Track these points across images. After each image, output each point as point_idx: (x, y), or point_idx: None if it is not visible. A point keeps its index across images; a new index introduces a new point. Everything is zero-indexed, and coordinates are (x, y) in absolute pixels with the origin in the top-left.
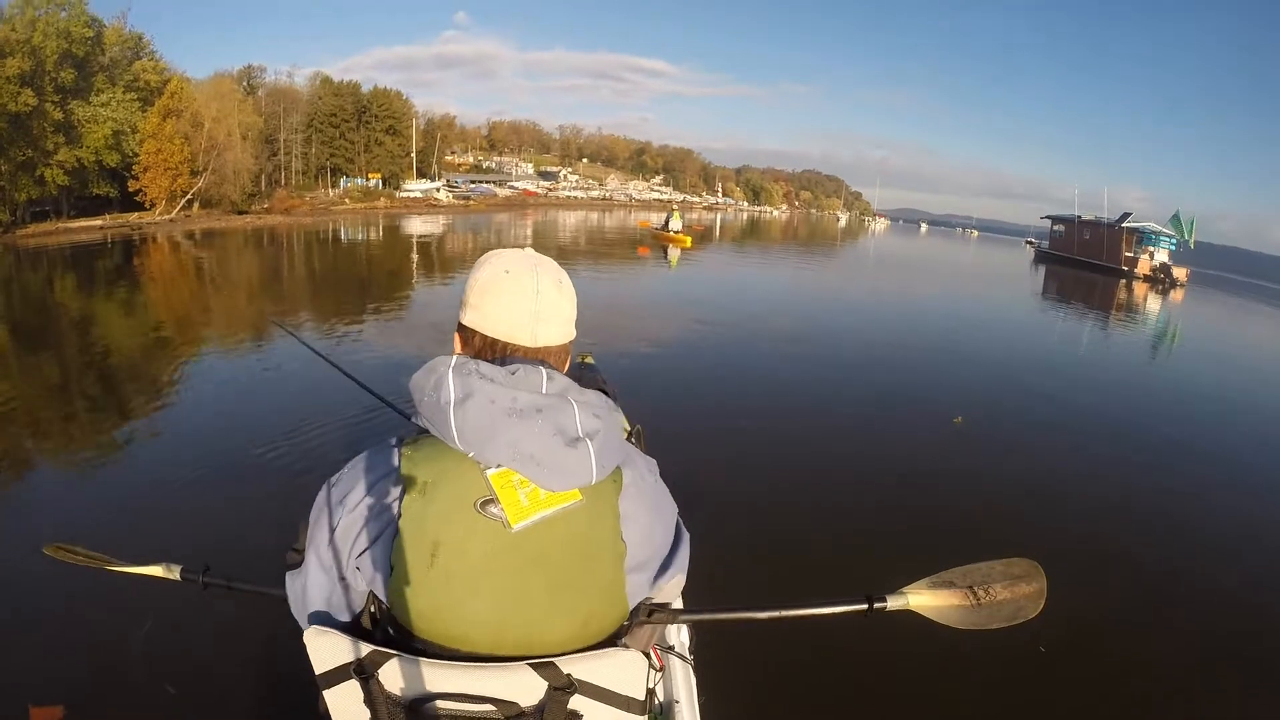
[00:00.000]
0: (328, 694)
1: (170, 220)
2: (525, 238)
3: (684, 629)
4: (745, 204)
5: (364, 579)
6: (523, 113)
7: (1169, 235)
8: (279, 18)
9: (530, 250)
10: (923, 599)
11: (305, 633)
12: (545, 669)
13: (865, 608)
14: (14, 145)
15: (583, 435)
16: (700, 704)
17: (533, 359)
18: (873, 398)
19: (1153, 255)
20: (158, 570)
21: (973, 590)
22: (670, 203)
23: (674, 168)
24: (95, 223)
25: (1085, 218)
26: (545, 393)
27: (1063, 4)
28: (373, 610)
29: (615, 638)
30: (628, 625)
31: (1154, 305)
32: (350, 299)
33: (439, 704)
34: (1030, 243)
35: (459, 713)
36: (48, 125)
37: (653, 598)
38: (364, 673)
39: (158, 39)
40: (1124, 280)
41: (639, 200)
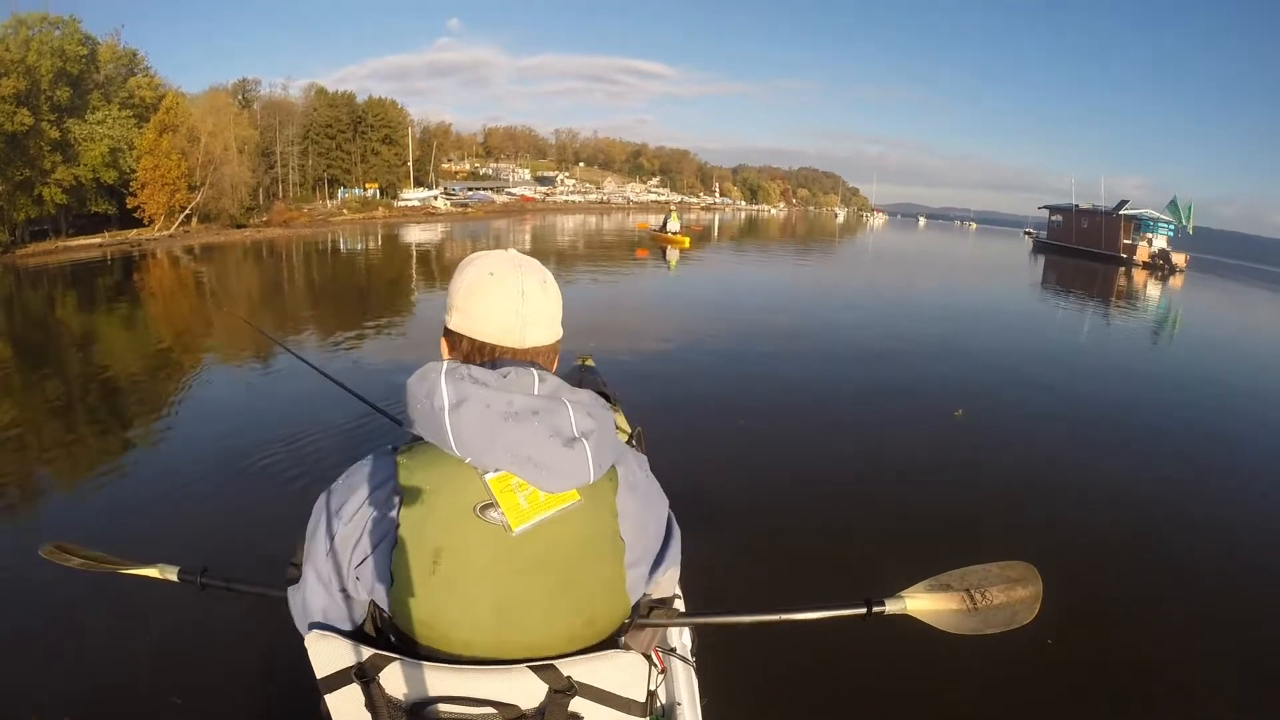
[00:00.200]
0: (329, 698)
1: (169, 236)
2: (524, 243)
3: (685, 631)
4: (743, 203)
5: (364, 589)
6: (518, 118)
7: (1167, 222)
8: (272, 30)
9: (513, 251)
10: (920, 603)
11: (306, 637)
12: (545, 671)
13: (864, 612)
14: (11, 165)
15: (579, 435)
16: (702, 706)
17: (522, 360)
18: (873, 393)
19: (1151, 242)
20: (155, 571)
21: (969, 594)
22: (668, 204)
23: (671, 169)
24: (94, 240)
25: (1083, 206)
26: (537, 394)
27: None
28: (375, 619)
29: (618, 635)
30: (629, 622)
31: (1153, 292)
32: (349, 310)
33: (440, 707)
34: (1028, 233)
35: (460, 716)
36: (44, 144)
37: (651, 593)
38: (365, 676)
39: (152, 55)
40: (1123, 268)
41: (636, 202)
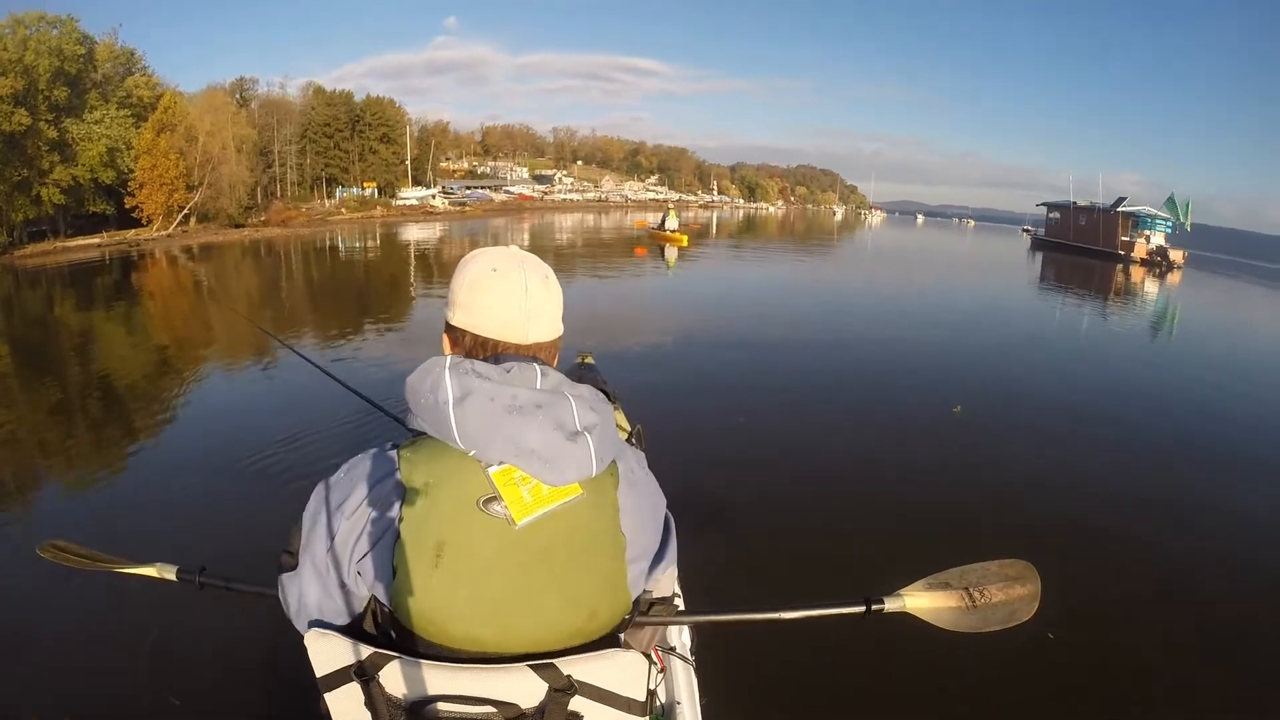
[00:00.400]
0: (328, 696)
1: (168, 236)
2: (522, 241)
3: (685, 630)
4: (741, 201)
5: (365, 584)
6: (516, 117)
7: (1164, 219)
8: (269, 29)
9: (514, 248)
10: (919, 601)
11: (306, 635)
12: (545, 670)
13: (863, 610)
14: (9, 165)
15: (581, 429)
16: (702, 704)
17: (525, 356)
18: (872, 390)
19: (1149, 239)
20: (153, 570)
21: (968, 592)
22: (666, 202)
23: (669, 167)
24: (93, 241)
25: (1081, 204)
26: (540, 388)
27: None
28: (375, 615)
29: (619, 630)
30: (630, 618)
31: (1151, 289)
32: (348, 308)
33: (439, 706)
34: (1027, 230)
35: (459, 715)
36: (42, 144)
37: (650, 591)
38: (364, 675)
39: (149, 54)
40: (1121, 265)
41: (635, 201)
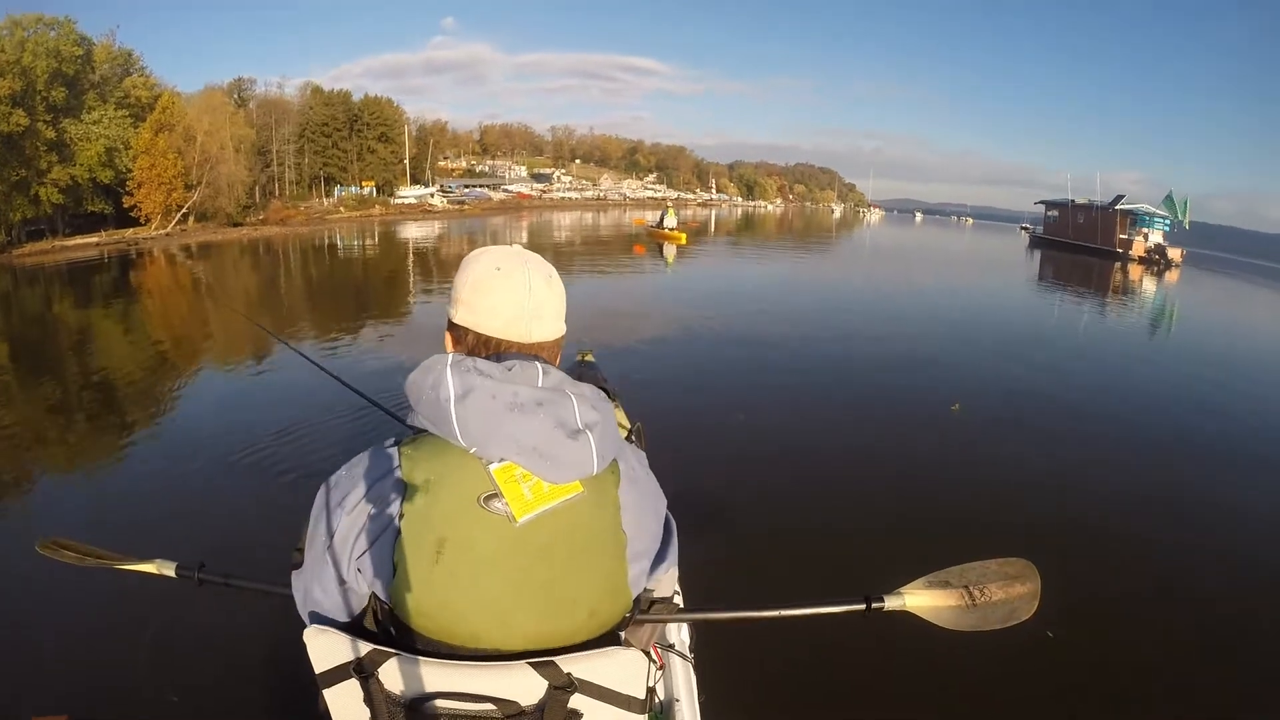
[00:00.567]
0: (327, 693)
1: (166, 235)
2: (521, 240)
3: (684, 628)
4: (739, 199)
5: (365, 580)
6: (515, 115)
7: (1163, 216)
8: (267, 29)
9: (518, 247)
10: (919, 599)
11: (305, 632)
12: (545, 668)
13: (863, 608)
14: (7, 165)
15: (583, 427)
16: (700, 702)
17: (527, 355)
18: (871, 388)
19: (1147, 237)
20: (152, 567)
21: (968, 590)
22: (664, 200)
23: (667, 165)
24: (91, 240)
25: (1079, 202)
26: (542, 386)
27: None
28: (375, 612)
29: (619, 629)
30: (630, 616)
31: (1149, 287)
32: (346, 306)
33: (439, 703)
34: (1025, 228)
35: (459, 712)
36: (40, 144)
37: (651, 589)
38: (363, 672)
39: (147, 55)
40: (1119, 263)
41: (633, 199)
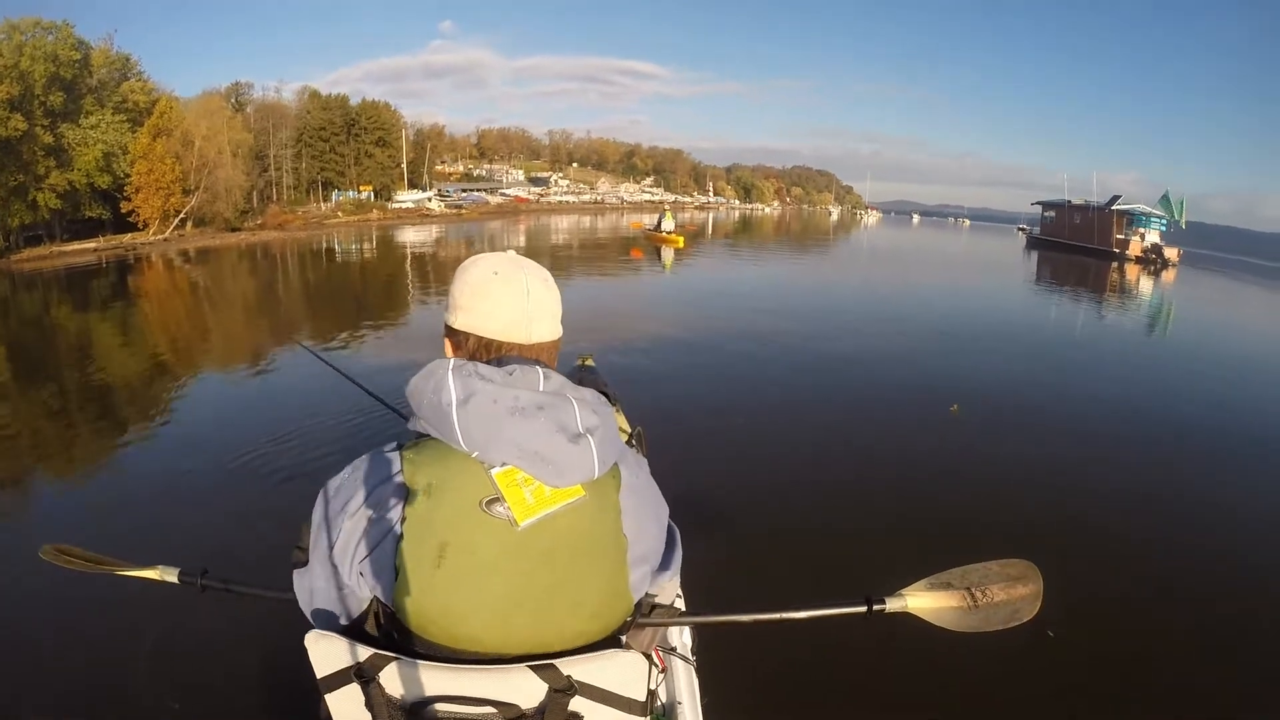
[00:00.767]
0: (329, 698)
1: (164, 240)
2: (519, 244)
3: (686, 630)
4: (737, 202)
5: (367, 584)
6: (512, 120)
7: (1159, 216)
8: (265, 34)
9: (512, 253)
10: (921, 601)
11: (306, 636)
12: (546, 671)
13: (865, 610)
14: (5, 170)
15: (584, 431)
16: (703, 705)
17: (528, 358)
18: (869, 390)
19: (1144, 237)
20: (155, 573)
21: (970, 592)
22: (662, 203)
23: (664, 169)
24: (89, 245)
25: (1075, 202)
26: (543, 390)
27: None
28: (377, 615)
29: (620, 633)
30: (631, 621)
31: (1146, 286)
32: (347, 309)
33: (439, 707)
34: (1022, 229)
35: (459, 715)
36: (38, 149)
37: (653, 596)
38: (364, 676)
39: (145, 59)
40: (1116, 263)
41: (630, 202)
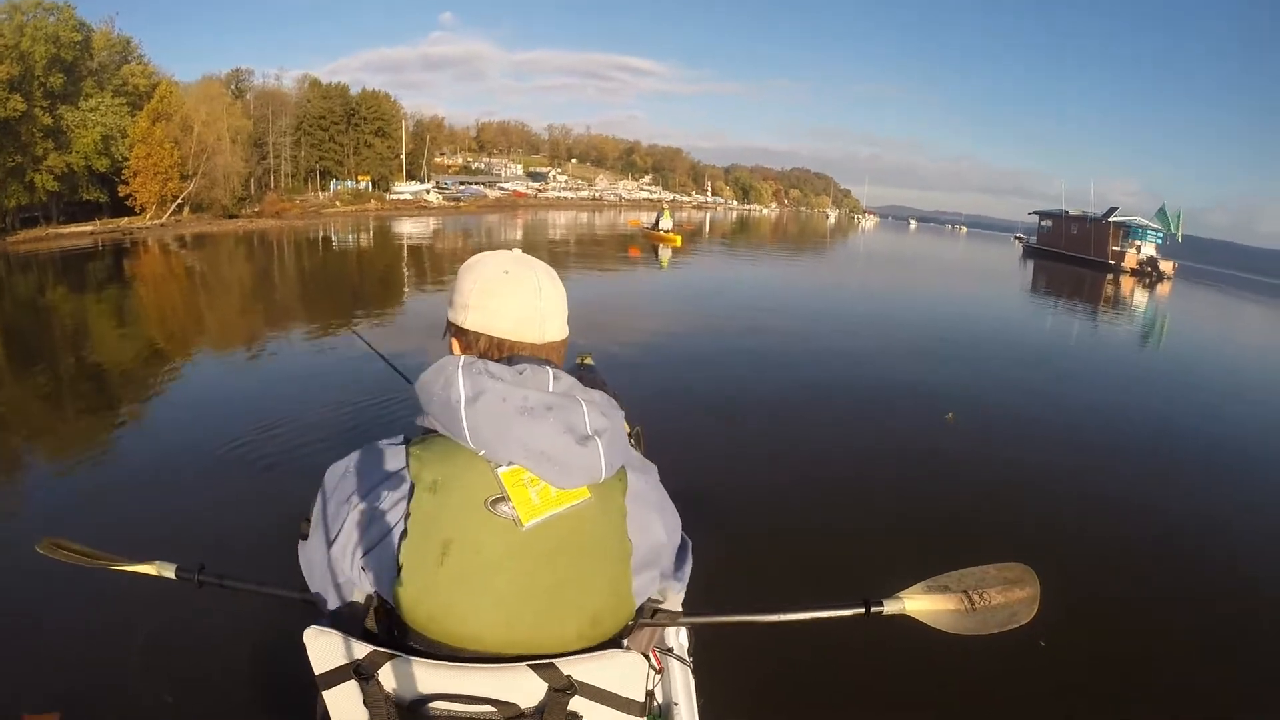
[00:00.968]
0: (327, 695)
1: (161, 225)
2: (516, 239)
3: (683, 631)
4: (734, 202)
5: (369, 579)
6: (512, 113)
7: (1155, 229)
8: (266, 20)
9: (518, 251)
10: (919, 604)
11: (305, 633)
12: (545, 670)
13: (862, 612)
14: (3, 151)
15: (592, 433)
16: (699, 706)
17: (538, 358)
18: (866, 396)
19: (1139, 249)
20: (152, 568)
21: (967, 595)
22: (660, 202)
23: (663, 167)
24: (86, 228)
25: (1072, 213)
26: (552, 391)
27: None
28: (377, 611)
29: (621, 636)
30: (633, 624)
31: (1141, 299)
32: (342, 298)
33: (438, 705)
34: (1019, 238)
35: (458, 714)
36: (37, 131)
37: (657, 600)
38: (363, 673)
39: (146, 43)
40: (1111, 274)
41: (629, 200)
